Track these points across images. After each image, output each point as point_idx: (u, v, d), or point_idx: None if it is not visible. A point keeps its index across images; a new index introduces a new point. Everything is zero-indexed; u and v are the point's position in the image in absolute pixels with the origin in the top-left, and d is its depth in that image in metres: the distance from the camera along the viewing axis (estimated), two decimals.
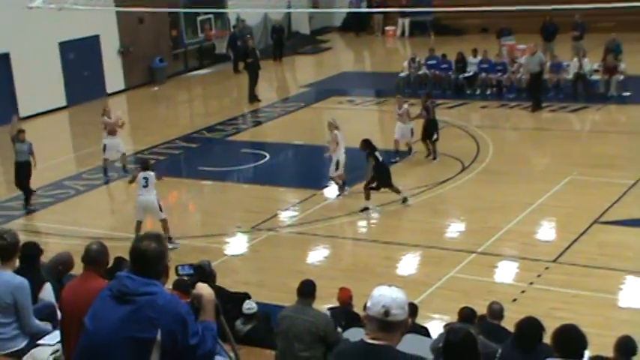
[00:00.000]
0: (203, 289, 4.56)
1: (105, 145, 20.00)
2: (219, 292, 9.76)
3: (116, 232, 16.11)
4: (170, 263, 4.55)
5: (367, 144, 16.52)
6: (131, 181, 15.79)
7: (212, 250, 14.92)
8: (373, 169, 16.31)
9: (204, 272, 9.04)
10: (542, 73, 23.43)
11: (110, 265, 7.62)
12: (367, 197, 16.46)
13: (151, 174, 15.24)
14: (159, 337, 4.26)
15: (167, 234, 14.80)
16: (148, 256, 4.42)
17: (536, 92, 23.05)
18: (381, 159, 16.55)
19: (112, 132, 19.96)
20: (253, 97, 26.69)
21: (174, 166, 21.24)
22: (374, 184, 16.45)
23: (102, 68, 29.14)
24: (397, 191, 16.52)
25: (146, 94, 29.73)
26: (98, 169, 20.57)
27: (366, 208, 16.48)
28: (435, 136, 19.18)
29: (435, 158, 19.18)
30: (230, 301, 10.00)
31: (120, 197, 19.50)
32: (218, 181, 19.47)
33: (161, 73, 30.89)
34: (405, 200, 16.57)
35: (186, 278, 5.77)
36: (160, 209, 15.24)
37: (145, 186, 15.16)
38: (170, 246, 14.77)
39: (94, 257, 6.31)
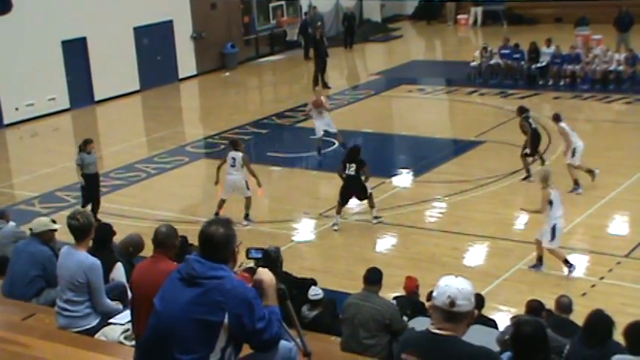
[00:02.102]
0: (264, 274, 4.60)
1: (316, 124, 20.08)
2: (286, 277, 9.84)
3: (185, 215, 16.35)
4: (240, 247, 4.61)
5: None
6: (219, 167, 16.02)
7: (280, 236, 15.04)
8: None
9: (269, 258, 9.13)
10: None
11: None
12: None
13: (238, 154, 15.59)
14: (226, 320, 4.33)
15: (247, 211, 15.61)
16: (216, 240, 4.48)
17: None
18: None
19: (320, 113, 19.93)
20: (319, 84, 26.71)
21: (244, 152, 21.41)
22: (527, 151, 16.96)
23: (175, 53, 29.53)
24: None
25: (217, 79, 30.03)
26: (169, 153, 20.90)
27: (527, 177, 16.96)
28: (525, 151, 17.35)
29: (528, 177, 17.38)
30: (296, 287, 10.06)
31: (189, 181, 19.76)
32: (287, 167, 19.58)
33: (232, 58, 31.15)
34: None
35: (254, 262, 5.83)
36: (247, 187, 15.60)
37: (233, 165, 15.58)
38: (245, 223, 15.38)
39: (163, 240, 6.42)
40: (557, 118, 16.79)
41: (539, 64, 25.47)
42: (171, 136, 22.63)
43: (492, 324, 9.50)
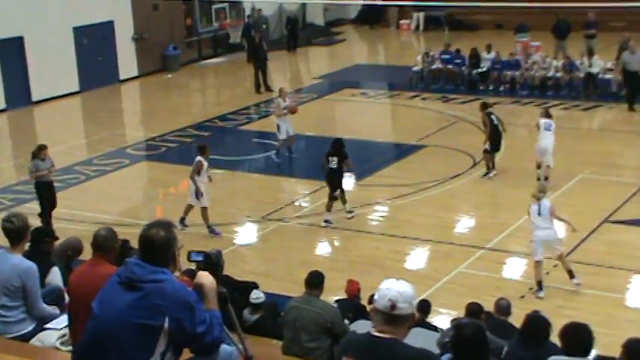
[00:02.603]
0: (204, 277, 4.57)
1: (279, 126, 19.77)
2: (227, 281, 9.79)
3: (125, 217, 16.16)
4: (181, 250, 4.56)
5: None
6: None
7: (221, 239, 14.96)
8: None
9: (210, 261, 9.05)
10: None
11: None
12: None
13: (197, 159, 15.35)
14: (166, 324, 4.28)
15: (207, 223, 15.23)
16: (156, 243, 4.43)
17: (636, 91, 22.31)
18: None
19: (283, 115, 19.66)
20: (259, 88, 26.69)
21: (185, 154, 21.21)
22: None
23: (115, 54, 29.17)
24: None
25: (159, 81, 29.76)
26: (109, 155, 20.65)
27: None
28: (485, 146, 17.76)
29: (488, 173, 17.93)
30: (237, 291, 10.02)
31: (129, 183, 19.54)
32: (229, 170, 19.49)
33: (174, 60, 30.91)
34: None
35: (194, 265, 5.78)
36: (197, 196, 15.16)
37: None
38: (179, 227, 15.01)
39: (102, 243, 6.32)
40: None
41: (479, 70, 25.82)
42: (111, 138, 22.35)
43: (433, 328, 9.58)
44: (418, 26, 36.77)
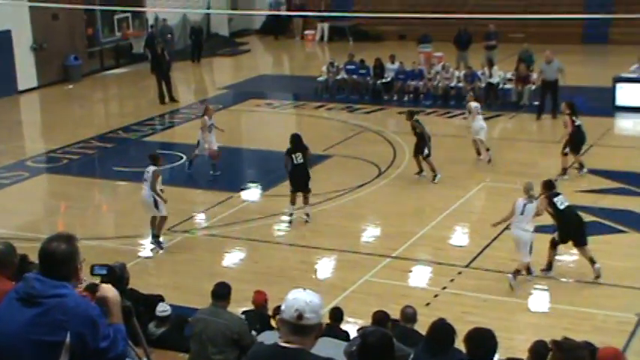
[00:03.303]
0: (108, 291, 4.46)
1: (199, 142, 19.23)
2: (132, 294, 9.61)
3: (25, 232, 15.70)
4: (84, 264, 4.45)
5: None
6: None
7: (126, 252, 14.70)
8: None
9: (115, 274, 8.86)
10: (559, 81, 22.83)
11: None
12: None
13: (151, 168, 14.82)
14: (68, 340, 4.16)
15: (158, 231, 14.86)
16: (57, 257, 4.31)
17: (555, 100, 22.67)
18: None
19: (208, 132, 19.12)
20: (164, 98, 26.40)
21: (88, 166, 20.88)
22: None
23: (13, 64, 28.35)
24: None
25: (60, 92, 29.08)
26: (7, 168, 20.07)
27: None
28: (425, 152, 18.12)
29: (420, 173, 18.38)
30: (143, 304, 9.85)
31: (29, 196, 19.01)
32: (133, 182, 19.16)
33: (76, 71, 30.28)
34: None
35: (98, 279, 5.65)
36: (156, 206, 14.77)
37: (145, 180, 14.89)
38: (152, 246, 14.73)
39: (0, 258, 6.11)
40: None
41: (384, 80, 26.16)
42: (9, 151, 21.71)
43: (345, 337, 9.60)
44: (323, 37, 37.02)
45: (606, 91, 23.51)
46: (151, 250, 14.98)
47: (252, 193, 18.34)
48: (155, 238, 14.93)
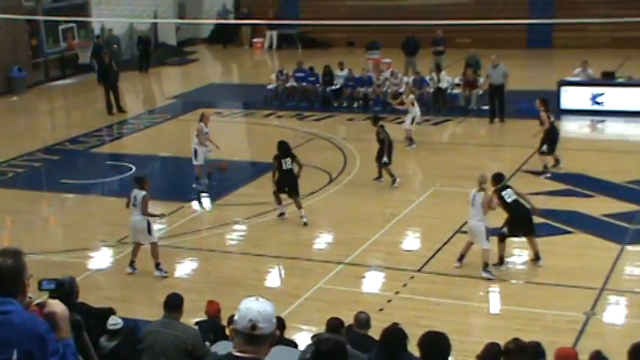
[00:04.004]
0: (56, 306, 4.38)
1: (195, 151, 18.72)
2: (82, 308, 9.46)
3: None
4: (31, 279, 4.37)
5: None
6: (127, 205, 14.34)
7: (75, 265, 14.48)
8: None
9: (63, 288, 8.74)
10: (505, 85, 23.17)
11: None
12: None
13: (140, 193, 14.06)
14: (15, 357, 4.07)
15: (156, 260, 14.12)
16: (3, 273, 4.22)
17: (502, 104, 23.07)
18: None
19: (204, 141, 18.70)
20: (111, 109, 26.14)
21: (35, 179, 20.55)
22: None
23: None
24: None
25: (4, 104, 28.62)
26: None
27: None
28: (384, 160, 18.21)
29: (379, 178, 18.40)
30: (93, 318, 9.69)
31: None
32: (81, 194, 18.95)
33: (20, 82, 29.81)
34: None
35: (47, 294, 5.56)
36: (149, 231, 14.14)
37: (135, 205, 14.10)
38: (157, 274, 14.04)
39: None
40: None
41: (333, 87, 26.23)
42: None
43: (293, 345, 9.58)
44: (271, 45, 37.02)
45: (551, 95, 23.84)
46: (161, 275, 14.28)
47: (202, 203, 18.24)
48: (157, 266, 14.22)
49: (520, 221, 13.80)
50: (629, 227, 15.39)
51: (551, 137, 18.37)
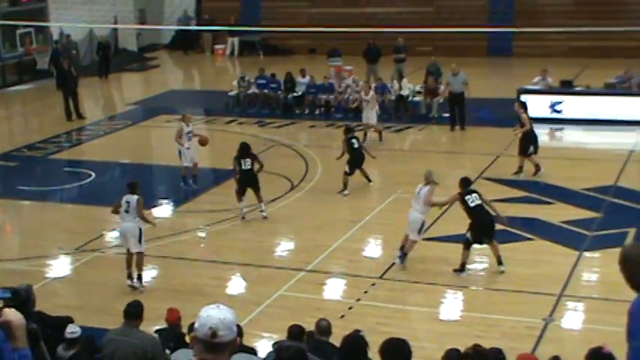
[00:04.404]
0: (10, 314, 4.31)
1: (180, 152, 18.64)
2: (39, 317, 9.34)
3: None
4: None
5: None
6: (114, 211, 14.09)
7: (32, 273, 14.27)
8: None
9: (20, 297, 8.62)
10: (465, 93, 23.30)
11: None
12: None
13: (134, 197, 13.67)
14: None
15: (140, 271, 13.66)
16: None
17: (462, 112, 23.21)
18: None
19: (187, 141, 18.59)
20: (70, 115, 25.88)
21: None
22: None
23: None
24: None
25: None
26: None
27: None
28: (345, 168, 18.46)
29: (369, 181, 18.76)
30: (51, 327, 9.56)
31: None
32: (39, 201, 18.71)
33: None
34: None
35: (2, 303, 5.48)
36: (140, 240, 13.70)
37: (127, 211, 13.64)
38: (136, 284, 13.57)
39: None
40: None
41: (294, 94, 26.23)
42: None
43: (253, 352, 9.53)
44: (233, 51, 36.93)
45: (511, 103, 24.00)
46: (136, 286, 13.77)
47: (163, 210, 18.10)
48: (139, 277, 13.75)
49: (482, 226, 13.97)
50: (587, 234, 15.57)
51: (532, 138, 18.80)
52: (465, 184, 14.31)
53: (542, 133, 23.36)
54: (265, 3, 37.16)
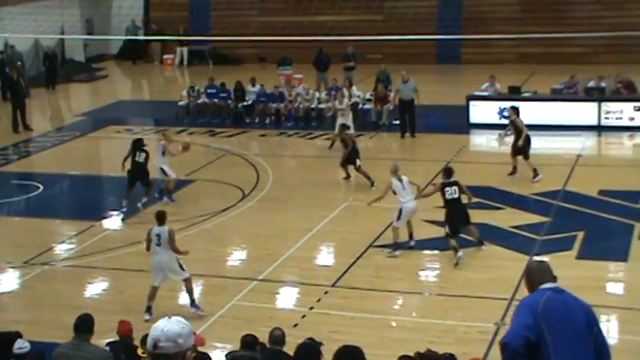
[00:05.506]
0: None
1: (163, 169, 18.49)
2: None
3: None
4: None
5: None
6: (147, 247, 13.34)
7: None
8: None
9: None
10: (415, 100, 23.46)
11: None
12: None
13: (164, 229, 13.05)
14: None
15: (192, 296, 13.07)
16: None
17: (412, 119, 23.39)
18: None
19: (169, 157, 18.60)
20: (17, 127, 25.50)
21: None
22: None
23: None
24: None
25: None
26: None
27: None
28: (357, 163, 19.31)
29: (372, 184, 19.03)
30: None
31: None
32: None
33: None
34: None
35: None
36: (181, 267, 13.07)
37: (159, 244, 13.02)
38: (193, 310, 12.93)
39: None
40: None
41: (245, 103, 26.17)
42: None
43: None
44: (182, 61, 36.75)
45: (460, 109, 24.33)
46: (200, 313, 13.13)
47: (113, 222, 17.91)
48: (193, 303, 13.15)
49: (456, 217, 14.79)
50: (537, 238, 15.76)
51: (523, 144, 19.21)
52: (448, 175, 14.99)
53: (490, 139, 23.70)
54: (214, 12, 37.05)
